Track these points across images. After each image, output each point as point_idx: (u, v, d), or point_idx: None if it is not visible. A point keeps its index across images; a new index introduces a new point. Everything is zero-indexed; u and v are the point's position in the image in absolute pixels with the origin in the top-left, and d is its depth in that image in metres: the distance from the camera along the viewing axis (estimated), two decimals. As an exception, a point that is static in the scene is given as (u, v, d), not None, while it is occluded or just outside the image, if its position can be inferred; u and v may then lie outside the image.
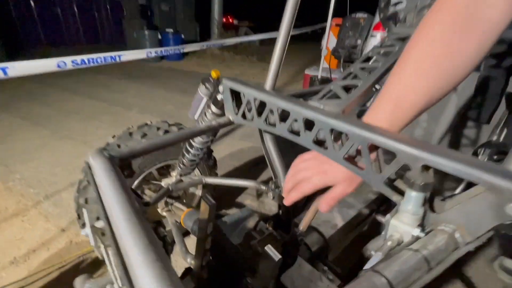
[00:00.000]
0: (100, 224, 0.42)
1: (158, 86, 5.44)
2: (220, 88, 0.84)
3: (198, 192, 1.74)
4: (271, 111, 0.71)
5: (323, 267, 0.86)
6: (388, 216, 0.46)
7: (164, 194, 1.17)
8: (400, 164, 0.46)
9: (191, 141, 1.10)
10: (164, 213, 1.46)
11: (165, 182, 1.38)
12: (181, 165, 1.23)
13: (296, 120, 0.63)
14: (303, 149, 1.08)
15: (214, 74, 0.90)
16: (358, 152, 0.54)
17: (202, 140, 1.05)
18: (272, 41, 1.05)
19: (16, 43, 8.23)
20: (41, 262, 1.74)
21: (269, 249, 0.50)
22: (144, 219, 0.38)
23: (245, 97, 0.76)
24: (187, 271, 0.80)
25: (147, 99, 4.63)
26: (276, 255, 0.48)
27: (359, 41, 2.43)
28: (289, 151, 1.35)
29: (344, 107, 0.64)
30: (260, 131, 1.03)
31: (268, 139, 1.02)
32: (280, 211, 1.10)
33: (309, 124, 0.63)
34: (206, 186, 1.69)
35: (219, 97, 0.89)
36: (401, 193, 0.50)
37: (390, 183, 0.52)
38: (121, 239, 0.34)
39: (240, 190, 2.29)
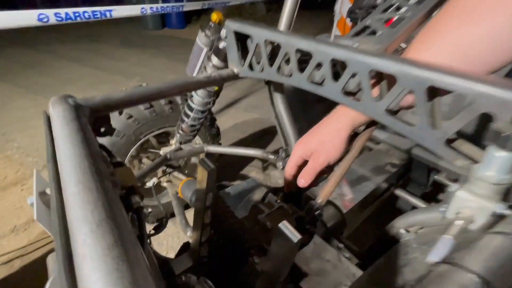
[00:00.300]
0: (48, 190, 0.30)
1: (159, 54, 5.19)
2: (223, 32, 0.68)
3: (200, 163, 1.64)
4: (287, 58, 0.56)
5: (338, 244, 0.76)
6: (454, 186, 0.33)
7: (162, 162, 1.06)
8: (478, 112, 0.32)
9: (190, 102, 0.97)
10: (165, 184, 1.37)
11: (164, 151, 1.27)
12: (180, 131, 1.11)
13: (319, 65, 0.49)
14: (318, 114, 0.93)
15: (215, 16, 0.74)
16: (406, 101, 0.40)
17: (202, 101, 0.92)
18: (279, 8, 0.87)
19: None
20: (41, 231, 1.70)
21: (285, 227, 0.38)
22: (110, 183, 0.26)
23: (254, 41, 0.61)
24: (185, 246, 0.70)
25: (148, 68, 4.42)
26: (294, 235, 0.36)
27: (379, 0, 2.16)
28: (302, 115, 1.21)
29: (386, 45, 0.49)
30: (270, 90, 0.88)
31: (278, 100, 0.87)
32: (290, 183, 0.98)
33: (337, 71, 0.48)
34: (208, 156, 1.58)
35: (221, 45, 0.73)
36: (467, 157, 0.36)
37: (449, 144, 0.39)
38: (69, 211, 0.22)
39: (245, 162, 2.19)
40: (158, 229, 0.62)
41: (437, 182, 1.27)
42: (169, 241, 1.62)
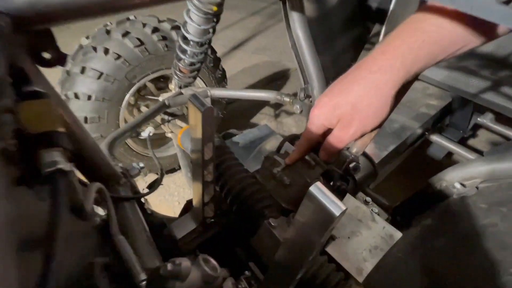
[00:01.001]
0: None
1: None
2: None
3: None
4: None
5: (365, 197, 0.64)
6: None
7: (159, 109, 0.92)
8: None
9: (184, 33, 0.77)
10: (169, 135, 1.25)
11: (163, 97, 1.12)
12: (178, 73, 0.94)
13: None
14: (345, 49, 0.72)
15: None
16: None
17: (199, 28, 0.72)
18: None
19: None
20: None
21: (319, 190, 0.24)
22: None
23: None
24: (188, 205, 0.60)
25: None
26: (337, 205, 0.22)
27: None
28: (325, 48, 1.00)
29: None
30: (285, 10, 0.67)
31: (296, 23, 0.66)
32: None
33: None
34: (214, 103, 1.42)
35: None
36: None
37: None
38: None
39: (254, 109, 2.02)
40: (152, 187, 0.50)
41: (480, 125, 1.10)
42: (181, 192, 1.58)
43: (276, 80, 2.35)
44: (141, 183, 1.63)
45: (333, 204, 0.24)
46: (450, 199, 0.51)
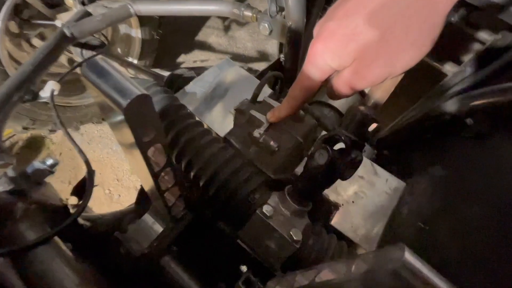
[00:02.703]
0: None
1: None
2: None
3: (135, 33, 1.12)
4: None
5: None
6: None
7: (59, 44, 0.61)
8: None
9: None
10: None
11: (60, 20, 0.76)
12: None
13: None
14: None
15: None
16: None
17: None
18: None
19: None
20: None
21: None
22: None
23: None
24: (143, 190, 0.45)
25: None
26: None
27: None
28: None
29: None
30: None
31: None
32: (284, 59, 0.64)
33: None
34: (144, 22, 1.07)
35: None
36: None
37: None
38: None
39: (197, 23, 1.63)
40: (79, 195, 0.33)
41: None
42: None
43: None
44: (77, 136, 1.32)
45: None
46: (461, 138, 0.43)
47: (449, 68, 0.94)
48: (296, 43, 0.60)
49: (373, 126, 0.31)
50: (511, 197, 0.30)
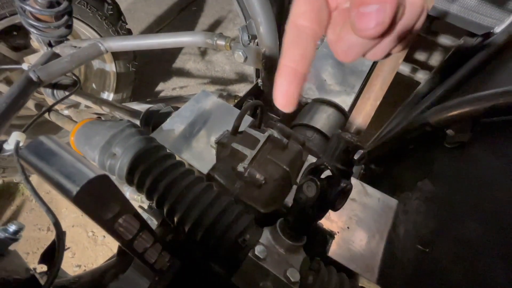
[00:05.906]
0: None
1: None
2: None
3: (110, 67, 1.10)
4: None
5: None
6: None
7: (25, 89, 0.58)
8: None
9: None
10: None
11: (27, 62, 0.73)
12: (35, 22, 0.57)
13: None
14: None
15: None
16: None
17: None
18: None
19: None
20: None
21: None
22: None
23: None
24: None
25: None
26: None
27: None
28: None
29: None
30: None
31: None
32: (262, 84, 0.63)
33: None
34: (117, 56, 1.05)
35: None
36: None
37: None
38: None
39: (172, 49, 1.64)
40: (47, 261, 0.29)
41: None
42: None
43: (191, 6, 1.89)
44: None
45: None
46: (444, 148, 0.43)
47: (420, 76, 0.98)
48: (272, 67, 0.60)
49: (359, 153, 0.30)
50: (501, 209, 0.29)
